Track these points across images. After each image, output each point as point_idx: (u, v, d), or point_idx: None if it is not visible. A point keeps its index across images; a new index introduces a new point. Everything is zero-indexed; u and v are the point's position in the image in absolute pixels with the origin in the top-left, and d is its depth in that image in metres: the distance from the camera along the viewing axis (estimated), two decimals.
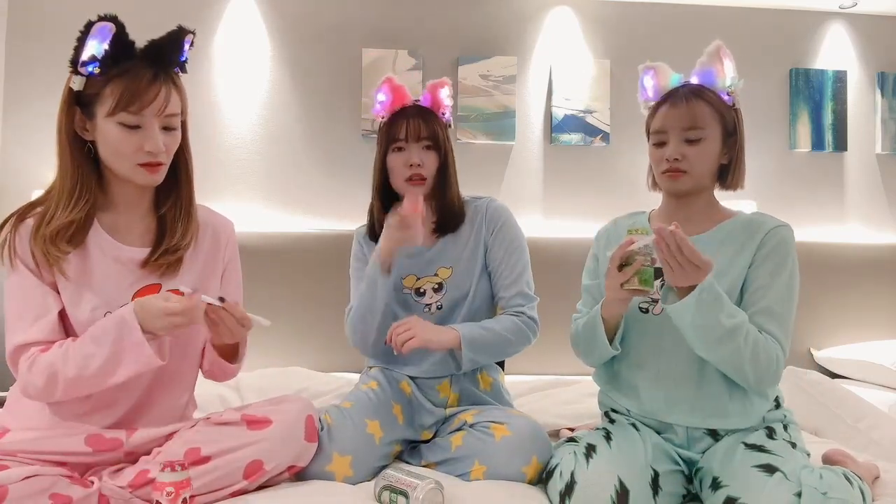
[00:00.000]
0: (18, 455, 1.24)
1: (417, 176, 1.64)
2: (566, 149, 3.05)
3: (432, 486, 1.26)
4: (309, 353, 2.71)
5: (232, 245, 1.52)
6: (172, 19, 1.44)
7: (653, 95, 1.51)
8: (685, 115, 1.41)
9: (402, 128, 1.65)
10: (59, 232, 1.28)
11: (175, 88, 1.32)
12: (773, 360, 1.31)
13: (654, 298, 1.43)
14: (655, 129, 1.46)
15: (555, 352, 2.75)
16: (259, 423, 1.34)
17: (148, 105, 1.27)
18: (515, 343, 1.64)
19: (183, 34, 1.34)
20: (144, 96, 1.27)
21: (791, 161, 3.18)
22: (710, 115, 1.42)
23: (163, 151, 1.31)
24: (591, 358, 1.51)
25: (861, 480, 1.28)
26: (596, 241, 1.63)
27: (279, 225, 2.88)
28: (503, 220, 1.72)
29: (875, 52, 3.23)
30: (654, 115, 1.48)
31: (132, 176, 1.32)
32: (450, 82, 1.74)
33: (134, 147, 1.28)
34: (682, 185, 1.43)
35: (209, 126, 2.89)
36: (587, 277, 1.62)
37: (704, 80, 1.47)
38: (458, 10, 3.02)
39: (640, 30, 3.08)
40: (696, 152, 1.41)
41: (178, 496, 1.15)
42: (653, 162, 1.48)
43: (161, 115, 1.30)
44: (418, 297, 1.70)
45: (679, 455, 1.39)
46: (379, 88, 1.71)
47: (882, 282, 3.04)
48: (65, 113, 1.30)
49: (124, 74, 1.27)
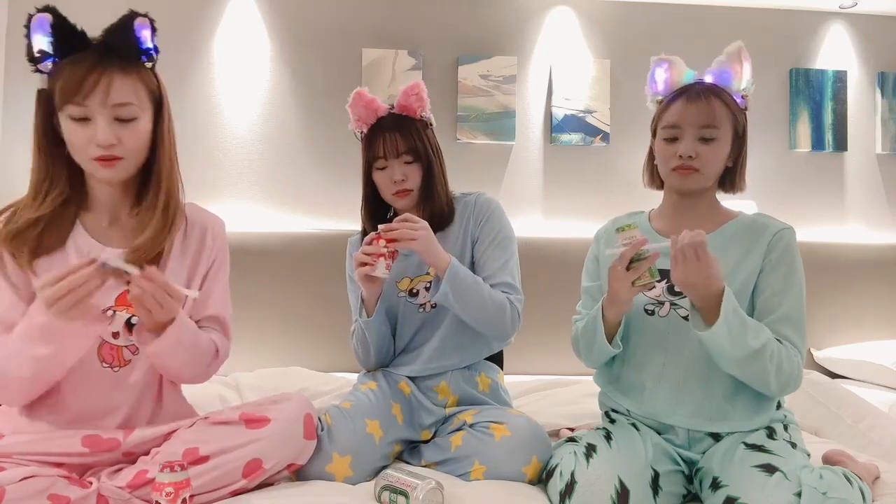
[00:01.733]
0: (15, 456, 1.23)
1: (402, 190, 1.65)
2: (566, 149, 3.05)
3: (432, 486, 1.26)
4: (309, 353, 2.70)
5: (220, 243, 1.46)
6: (172, 19, 1.44)
7: (663, 89, 1.48)
8: (703, 112, 1.38)
9: (381, 145, 1.64)
10: (27, 229, 1.25)
11: (124, 76, 1.24)
12: (794, 368, 1.31)
13: (660, 300, 1.42)
14: (669, 123, 1.42)
15: (555, 352, 2.76)
16: (257, 421, 1.33)
17: (88, 94, 1.21)
18: (492, 313, 1.59)
19: (132, 18, 1.26)
20: (84, 84, 1.20)
21: (791, 161, 3.18)
22: (726, 116, 1.40)
23: (113, 144, 1.23)
24: (592, 358, 1.50)
25: (861, 480, 1.27)
26: (595, 241, 1.62)
27: (279, 225, 2.88)
28: (490, 212, 1.72)
29: (875, 52, 3.23)
30: (667, 110, 1.44)
31: (91, 171, 1.27)
32: (422, 83, 1.70)
33: (84, 140, 1.23)
34: (692, 184, 1.41)
35: (209, 126, 2.89)
36: (587, 279, 1.61)
37: (720, 79, 1.44)
38: (458, 10, 3.02)
39: (640, 30, 3.08)
40: (710, 151, 1.39)
41: (177, 496, 1.14)
42: (661, 158, 1.45)
43: (107, 106, 1.23)
44: (412, 299, 1.70)
45: (679, 455, 1.38)
46: (351, 103, 1.69)
47: (882, 282, 3.04)
48: (36, 114, 1.28)
49: (67, 66, 1.22)
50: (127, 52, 1.26)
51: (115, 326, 1.32)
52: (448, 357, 1.67)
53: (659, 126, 1.46)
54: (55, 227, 1.28)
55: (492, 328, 1.63)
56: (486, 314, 1.59)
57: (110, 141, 1.23)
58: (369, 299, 1.62)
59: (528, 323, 2.25)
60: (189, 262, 1.41)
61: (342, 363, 2.58)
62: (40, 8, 1.22)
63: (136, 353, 1.35)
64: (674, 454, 1.37)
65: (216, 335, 1.42)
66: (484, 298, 1.58)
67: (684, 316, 1.40)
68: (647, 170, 1.55)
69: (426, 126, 1.70)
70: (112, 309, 1.31)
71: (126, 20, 1.25)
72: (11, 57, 2.76)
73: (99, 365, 1.32)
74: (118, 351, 1.34)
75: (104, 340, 1.32)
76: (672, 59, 1.47)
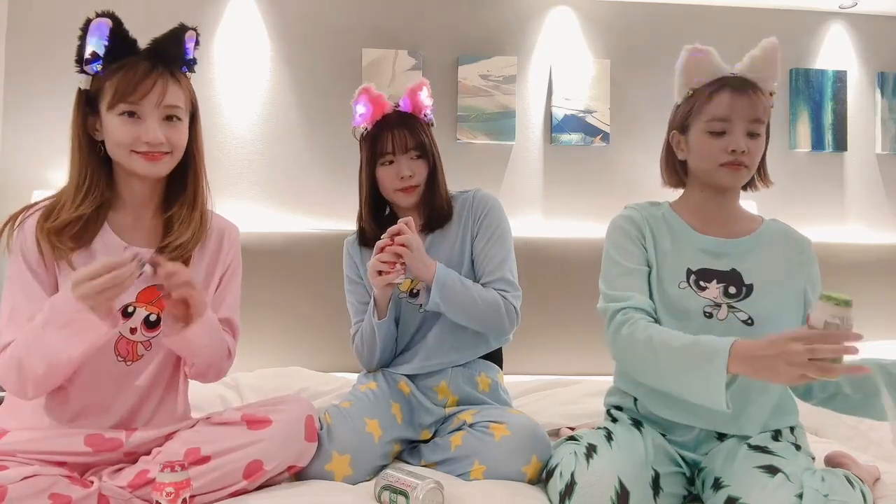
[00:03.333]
0: (18, 455, 1.24)
1: (409, 186, 1.66)
2: (566, 149, 3.05)
3: (432, 485, 1.26)
4: (309, 353, 2.70)
5: (235, 250, 1.52)
6: (172, 19, 1.44)
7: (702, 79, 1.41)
8: (754, 106, 1.36)
9: (389, 141, 1.65)
10: (67, 226, 1.29)
11: (175, 82, 1.33)
12: None
13: (717, 303, 1.35)
14: (717, 116, 1.36)
15: (555, 352, 2.76)
16: (259, 423, 1.34)
17: (145, 95, 1.28)
18: (486, 314, 1.59)
19: (183, 31, 1.36)
20: (141, 86, 1.28)
21: (791, 161, 3.18)
22: (767, 111, 1.38)
23: (162, 142, 1.31)
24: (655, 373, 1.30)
25: (863, 483, 1.27)
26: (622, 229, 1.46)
27: (279, 225, 2.88)
28: (488, 208, 1.72)
29: (875, 52, 3.23)
30: (711, 101, 1.38)
31: (132, 166, 1.32)
32: (427, 83, 1.73)
33: (132, 136, 1.29)
34: (741, 181, 1.39)
35: (209, 126, 2.88)
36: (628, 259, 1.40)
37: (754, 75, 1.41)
38: (458, 10, 3.02)
39: (640, 30, 3.08)
40: (756, 147, 1.37)
41: (177, 496, 1.15)
42: (706, 152, 1.38)
43: (160, 106, 1.31)
44: (412, 299, 1.71)
45: (682, 457, 1.38)
46: (357, 100, 1.70)
47: (882, 282, 3.04)
48: (76, 112, 1.33)
49: (123, 68, 1.29)
50: (175, 61, 1.36)
51: (133, 322, 1.36)
52: (446, 354, 1.68)
53: (701, 119, 1.39)
54: (91, 224, 1.33)
55: (488, 327, 1.64)
56: (479, 315, 1.61)
57: (160, 139, 1.30)
58: (382, 301, 1.62)
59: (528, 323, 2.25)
60: (206, 265, 1.45)
61: (342, 363, 2.58)
62: (100, 13, 1.29)
63: (149, 349, 1.38)
64: (675, 455, 1.37)
65: (228, 337, 1.47)
66: (475, 301, 1.59)
67: (744, 320, 1.36)
68: (667, 166, 1.49)
69: (429, 125, 1.72)
70: (133, 305, 1.35)
71: (178, 32, 1.36)
72: (12, 57, 2.76)
73: (114, 358, 1.35)
74: (133, 346, 1.36)
75: (122, 335, 1.34)
76: (708, 50, 1.42)
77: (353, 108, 1.71)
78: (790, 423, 1.38)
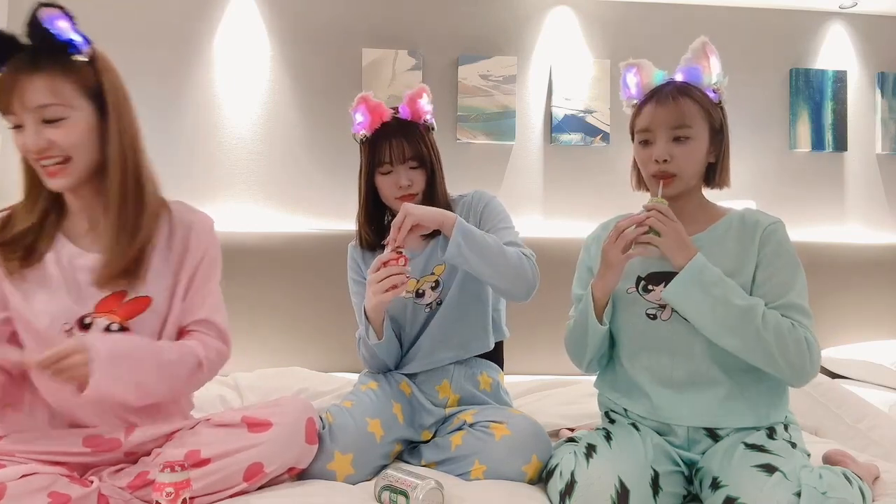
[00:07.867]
0: (17, 455, 1.24)
1: (408, 195, 1.65)
2: (566, 149, 3.05)
3: (432, 486, 1.26)
4: (309, 353, 2.71)
5: (206, 243, 1.39)
6: (172, 19, 1.43)
7: (636, 93, 1.49)
8: (673, 114, 1.39)
9: (387, 150, 1.63)
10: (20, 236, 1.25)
11: (39, 77, 1.17)
12: (802, 343, 1.27)
13: (661, 305, 1.41)
14: (641, 127, 1.43)
15: (555, 352, 2.75)
16: (260, 425, 1.33)
17: (11, 103, 1.16)
18: (509, 264, 1.53)
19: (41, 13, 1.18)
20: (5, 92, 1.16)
21: (791, 161, 3.18)
22: (698, 113, 1.40)
23: (43, 148, 1.19)
24: (583, 349, 1.47)
25: (861, 480, 1.27)
26: (585, 250, 1.60)
27: (279, 225, 2.88)
28: (488, 200, 1.73)
29: (875, 52, 3.23)
30: (640, 114, 1.45)
31: (44, 182, 1.24)
32: (427, 89, 1.71)
33: (23, 148, 1.20)
34: (672, 190, 1.42)
35: (209, 126, 2.89)
36: (579, 287, 1.59)
37: (690, 77, 1.45)
38: (458, 10, 3.02)
39: (640, 30, 3.08)
40: (684, 152, 1.39)
41: (177, 497, 1.14)
42: (640, 162, 1.46)
43: (28, 110, 1.17)
44: (418, 300, 1.71)
45: (680, 456, 1.38)
46: (355, 108, 1.68)
47: (882, 282, 3.04)
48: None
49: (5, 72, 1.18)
50: (53, 49, 1.18)
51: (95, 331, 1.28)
52: (447, 349, 1.67)
53: (635, 131, 1.47)
54: (44, 235, 1.28)
55: (512, 279, 1.55)
56: (503, 263, 1.53)
57: (39, 145, 1.18)
58: (377, 319, 1.59)
59: (528, 323, 2.25)
60: (174, 261, 1.37)
61: (342, 363, 2.58)
62: None
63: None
64: (674, 455, 1.37)
65: (201, 342, 1.34)
66: (499, 250, 1.52)
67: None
68: (633, 173, 1.55)
69: (429, 130, 1.71)
70: (91, 317, 1.28)
71: (34, 18, 1.16)
72: None
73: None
74: None
75: None
76: (640, 63, 1.48)
77: (352, 115, 1.70)
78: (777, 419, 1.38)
